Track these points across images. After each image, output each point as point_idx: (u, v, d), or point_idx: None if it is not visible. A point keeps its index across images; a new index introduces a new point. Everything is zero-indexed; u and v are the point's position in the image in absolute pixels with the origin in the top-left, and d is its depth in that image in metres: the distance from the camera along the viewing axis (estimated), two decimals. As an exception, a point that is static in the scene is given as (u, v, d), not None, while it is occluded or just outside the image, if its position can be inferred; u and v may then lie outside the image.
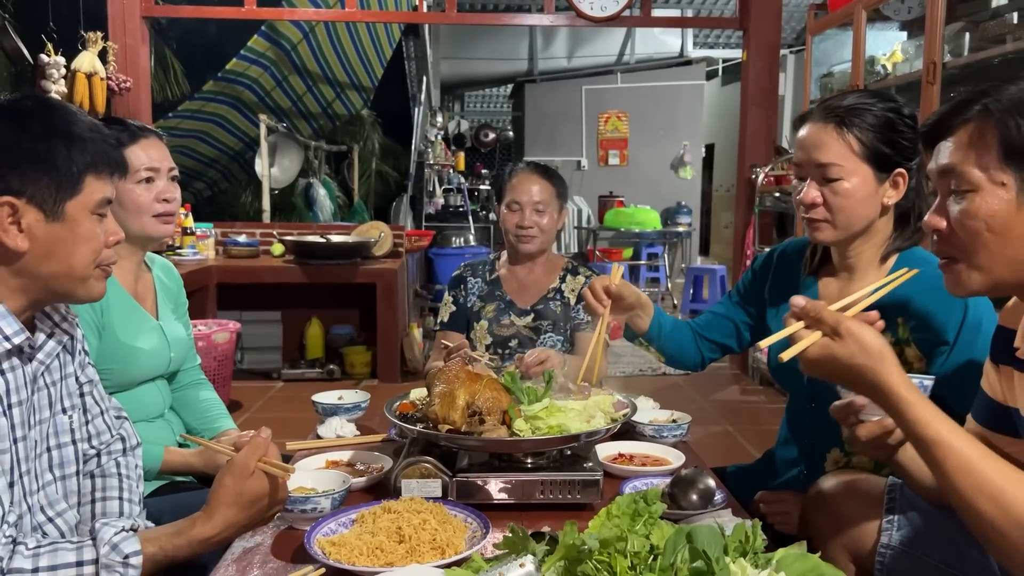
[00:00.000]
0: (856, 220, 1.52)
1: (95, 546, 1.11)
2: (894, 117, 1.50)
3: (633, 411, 1.56)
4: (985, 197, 1.03)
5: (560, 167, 8.04)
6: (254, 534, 1.30)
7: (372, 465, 1.57)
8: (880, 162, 1.50)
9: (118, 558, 1.10)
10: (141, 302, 1.83)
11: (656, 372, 5.46)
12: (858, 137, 1.48)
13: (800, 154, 1.55)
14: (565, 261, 2.43)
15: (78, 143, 1.17)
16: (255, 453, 1.21)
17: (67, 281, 1.19)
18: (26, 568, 1.07)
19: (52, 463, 1.29)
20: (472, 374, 1.46)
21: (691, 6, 10.54)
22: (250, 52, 6.93)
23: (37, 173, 1.13)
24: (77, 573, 1.08)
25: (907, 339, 1.51)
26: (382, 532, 1.19)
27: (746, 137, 5.49)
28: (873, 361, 1.04)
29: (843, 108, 1.50)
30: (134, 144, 1.76)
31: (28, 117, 1.15)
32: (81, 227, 1.18)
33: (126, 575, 1.10)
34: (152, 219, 1.79)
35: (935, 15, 3.28)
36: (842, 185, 1.49)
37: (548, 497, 1.38)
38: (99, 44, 4.55)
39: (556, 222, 2.36)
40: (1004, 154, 1.02)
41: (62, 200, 1.15)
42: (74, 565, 1.09)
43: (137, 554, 1.11)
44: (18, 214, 1.13)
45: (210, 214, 7.46)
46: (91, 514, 1.38)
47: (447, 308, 2.42)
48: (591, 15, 5.34)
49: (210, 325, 4.25)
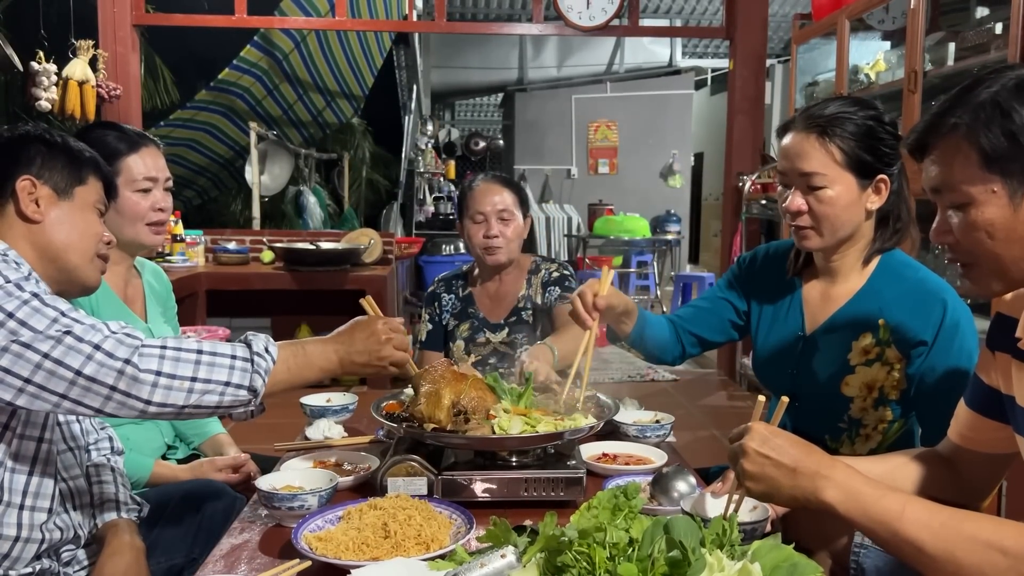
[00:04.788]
0: (841, 226, 1.55)
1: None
2: (874, 125, 1.53)
3: (615, 410, 1.58)
4: (980, 208, 1.04)
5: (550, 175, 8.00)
6: (242, 531, 1.32)
7: (359, 465, 1.59)
8: (862, 169, 1.52)
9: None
10: (130, 305, 1.85)
11: (644, 378, 5.49)
12: (839, 146, 1.50)
13: (784, 163, 1.58)
14: (530, 262, 2.38)
15: (85, 149, 1.40)
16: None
17: (73, 254, 1.34)
18: (191, 347, 1.20)
19: (65, 435, 1.41)
20: (457, 374, 1.49)
21: (679, 16, 10.62)
22: (243, 62, 6.94)
23: (53, 161, 1.34)
24: (231, 364, 1.22)
25: (887, 340, 1.55)
26: (368, 528, 1.21)
27: (732, 145, 5.54)
28: (798, 481, 1.07)
29: (824, 118, 1.52)
30: (134, 153, 1.79)
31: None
32: (87, 210, 1.37)
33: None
34: (146, 227, 1.81)
35: (916, 25, 3.33)
36: (826, 193, 1.52)
37: (532, 494, 1.40)
38: (90, 52, 4.56)
39: (521, 231, 2.32)
40: (984, 164, 1.02)
41: (71, 185, 1.36)
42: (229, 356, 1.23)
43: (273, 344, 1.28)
44: (36, 192, 1.31)
45: (200, 222, 7.45)
46: (89, 498, 1.42)
47: (424, 327, 2.40)
48: (580, 25, 5.38)
49: (200, 332, 4.25)
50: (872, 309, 1.56)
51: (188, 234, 5.05)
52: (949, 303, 1.50)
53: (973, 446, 1.26)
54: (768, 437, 1.08)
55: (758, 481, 1.09)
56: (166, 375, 1.16)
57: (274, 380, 1.27)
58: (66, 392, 1.13)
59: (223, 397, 1.21)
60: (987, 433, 1.24)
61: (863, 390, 1.58)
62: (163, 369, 1.16)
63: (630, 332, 1.75)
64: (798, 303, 1.70)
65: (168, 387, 1.16)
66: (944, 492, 1.26)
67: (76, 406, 1.15)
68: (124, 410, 1.16)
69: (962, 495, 1.29)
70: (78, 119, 4.49)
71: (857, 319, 1.58)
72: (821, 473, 1.06)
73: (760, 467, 1.08)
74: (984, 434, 1.24)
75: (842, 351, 1.59)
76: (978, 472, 1.29)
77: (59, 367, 1.12)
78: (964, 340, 1.49)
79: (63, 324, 1.14)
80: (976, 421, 1.25)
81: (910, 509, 1.02)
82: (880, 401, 1.58)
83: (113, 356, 1.13)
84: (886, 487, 1.06)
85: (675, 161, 11.10)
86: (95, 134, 1.77)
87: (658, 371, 5.65)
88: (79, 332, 1.14)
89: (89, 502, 1.42)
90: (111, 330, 1.17)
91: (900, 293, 1.54)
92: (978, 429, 1.25)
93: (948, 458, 1.31)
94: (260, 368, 1.24)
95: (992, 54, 3.06)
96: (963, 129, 1.03)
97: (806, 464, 1.06)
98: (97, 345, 1.13)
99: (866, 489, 1.04)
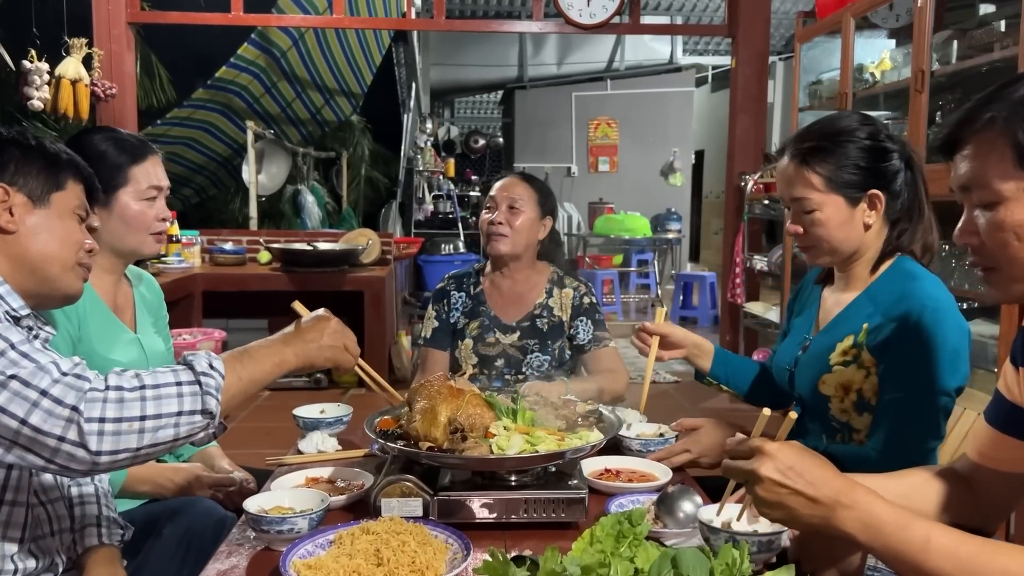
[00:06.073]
0: (839, 244, 1.59)
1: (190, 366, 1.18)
2: (851, 148, 1.55)
3: (618, 427, 1.53)
4: (1010, 207, 1.00)
5: (550, 173, 7.95)
6: (229, 555, 1.27)
7: (353, 482, 1.54)
8: (849, 189, 1.56)
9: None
10: (119, 315, 1.79)
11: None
12: (819, 172, 1.55)
13: (779, 188, 1.67)
14: (551, 272, 2.34)
15: (62, 152, 1.34)
16: None
17: (52, 264, 1.28)
18: (132, 385, 1.10)
19: None
20: (454, 389, 1.43)
21: (680, 13, 10.56)
22: (240, 60, 6.89)
23: (28, 166, 1.27)
24: (178, 392, 1.13)
25: (863, 343, 1.56)
26: (360, 555, 1.15)
27: (735, 144, 5.49)
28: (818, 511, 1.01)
29: (802, 150, 1.57)
30: (143, 161, 1.76)
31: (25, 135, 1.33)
32: (66, 217, 1.31)
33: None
34: (149, 236, 1.78)
35: (923, 23, 3.28)
36: (816, 216, 1.57)
37: (532, 516, 1.35)
38: (83, 50, 4.50)
39: (534, 228, 2.27)
40: (1019, 161, 0.98)
41: (48, 191, 1.29)
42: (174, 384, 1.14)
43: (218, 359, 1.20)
44: (9, 200, 1.24)
45: (199, 220, 7.41)
46: (70, 521, 1.37)
47: (430, 323, 2.34)
48: (580, 23, 5.32)
49: (195, 334, 4.19)
50: (863, 314, 1.59)
51: (184, 235, 5.01)
52: (926, 315, 1.47)
53: (992, 464, 1.21)
54: (783, 464, 1.02)
55: (774, 508, 1.03)
56: (111, 420, 1.06)
57: (228, 395, 1.18)
58: (14, 439, 1.04)
59: (178, 429, 1.12)
60: (1007, 451, 1.19)
61: (839, 390, 1.60)
62: (107, 415, 1.06)
63: (710, 368, 1.90)
64: (815, 309, 1.75)
65: (116, 432, 1.06)
66: (961, 513, 1.21)
67: (25, 455, 1.05)
68: (74, 463, 1.06)
69: (978, 515, 1.24)
70: (71, 118, 4.43)
71: (848, 322, 1.61)
72: (841, 502, 1.00)
73: (776, 496, 1.02)
74: (1004, 452, 1.19)
75: (827, 351, 1.62)
76: (996, 492, 1.24)
77: (2, 415, 1.03)
78: (928, 353, 1.46)
79: (8, 361, 1.05)
80: (996, 438, 1.20)
81: (935, 539, 0.96)
82: (863, 406, 1.58)
83: (62, 403, 1.04)
84: (909, 515, 1.00)
85: (676, 159, 11.05)
86: (96, 139, 1.72)
87: (659, 373, 5.59)
88: (25, 376, 1.05)
89: (69, 526, 1.36)
90: (61, 372, 1.07)
91: (890, 300, 1.55)
92: (998, 447, 1.20)
93: (965, 477, 1.26)
94: (210, 388, 1.15)
95: (996, 52, 3.01)
96: (1000, 124, 0.99)
97: (825, 493, 1.00)
98: (44, 391, 1.04)
99: (888, 518, 0.99)
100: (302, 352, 1.33)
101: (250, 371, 1.24)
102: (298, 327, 1.38)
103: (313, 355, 1.34)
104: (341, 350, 1.38)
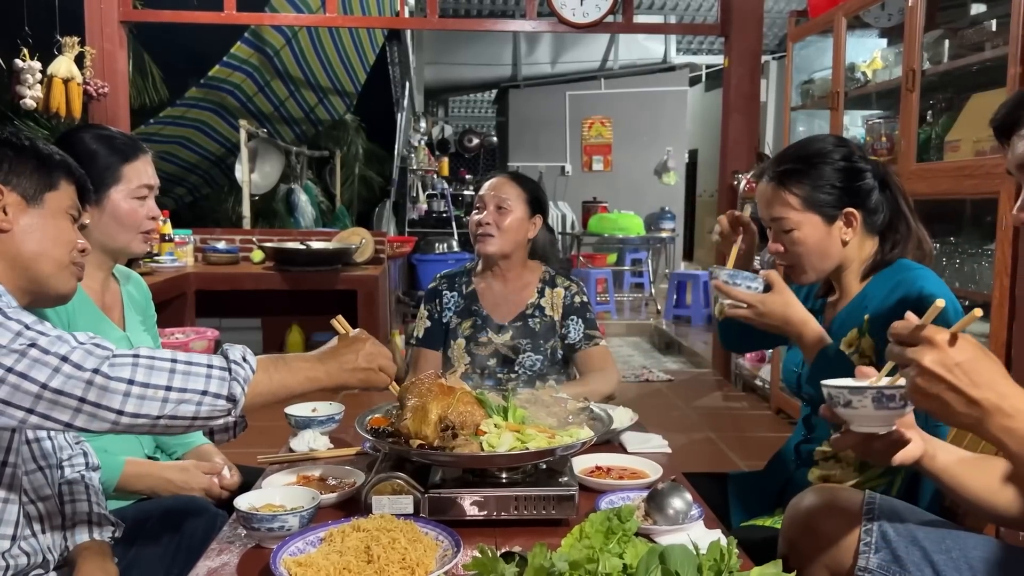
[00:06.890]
0: (819, 261, 1.66)
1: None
2: (826, 169, 1.62)
3: (609, 423, 1.54)
4: None
5: (544, 172, 7.95)
6: (220, 553, 1.27)
7: (344, 480, 1.54)
8: (825, 207, 1.63)
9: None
10: (108, 313, 1.79)
11: (639, 379, 5.45)
12: (796, 193, 1.63)
13: (759, 209, 1.73)
14: (542, 271, 2.34)
15: (55, 152, 1.35)
16: None
17: (45, 263, 1.29)
18: (164, 356, 1.16)
19: (35, 453, 1.35)
20: (445, 387, 1.43)
21: (673, 13, 10.57)
22: (234, 58, 6.87)
23: (21, 166, 1.28)
24: (207, 373, 1.18)
25: (865, 330, 1.59)
26: (350, 551, 1.16)
27: (728, 144, 5.50)
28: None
29: (779, 172, 1.65)
30: (135, 160, 1.75)
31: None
32: (59, 217, 1.32)
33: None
34: (139, 235, 1.78)
35: (914, 23, 3.29)
36: (795, 235, 1.64)
37: (522, 513, 1.35)
38: (76, 49, 4.49)
39: (523, 227, 2.27)
40: None
41: (41, 190, 1.30)
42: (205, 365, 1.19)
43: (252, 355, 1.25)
44: (3, 199, 1.25)
45: (192, 219, 7.38)
46: (61, 519, 1.36)
47: (422, 323, 2.35)
48: (573, 21, 5.32)
49: (188, 333, 4.17)
50: (863, 308, 1.63)
51: (177, 233, 4.99)
52: (924, 292, 1.51)
53: None
54: (951, 360, 0.95)
55: (928, 399, 0.97)
56: (139, 383, 1.12)
57: (255, 391, 1.22)
58: (32, 406, 1.09)
59: (200, 407, 1.16)
60: None
61: None
62: (136, 377, 1.12)
63: None
64: (820, 320, 1.75)
65: (141, 396, 1.12)
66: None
67: (44, 420, 1.10)
68: (96, 423, 1.11)
69: None
70: (63, 117, 4.42)
71: (851, 319, 1.64)
72: (1003, 409, 0.94)
73: (936, 388, 0.96)
74: None
75: (832, 349, 1.64)
76: None
77: (24, 381, 1.07)
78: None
79: (27, 337, 1.09)
80: None
81: None
82: None
83: (81, 367, 1.09)
84: None
85: (669, 158, 11.06)
86: (87, 138, 1.72)
87: (653, 371, 5.61)
88: (44, 344, 1.09)
89: (60, 524, 1.36)
90: (78, 341, 1.12)
91: (886, 289, 1.60)
92: None
93: None
94: (238, 376, 1.20)
95: (987, 51, 3.03)
96: None
97: (987, 396, 0.94)
98: (64, 357, 1.09)
99: None
100: (336, 372, 1.34)
101: (282, 376, 1.27)
102: (337, 345, 1.39)
103: (347, 377, 1.36)
104: (375, 372, 1.39)
